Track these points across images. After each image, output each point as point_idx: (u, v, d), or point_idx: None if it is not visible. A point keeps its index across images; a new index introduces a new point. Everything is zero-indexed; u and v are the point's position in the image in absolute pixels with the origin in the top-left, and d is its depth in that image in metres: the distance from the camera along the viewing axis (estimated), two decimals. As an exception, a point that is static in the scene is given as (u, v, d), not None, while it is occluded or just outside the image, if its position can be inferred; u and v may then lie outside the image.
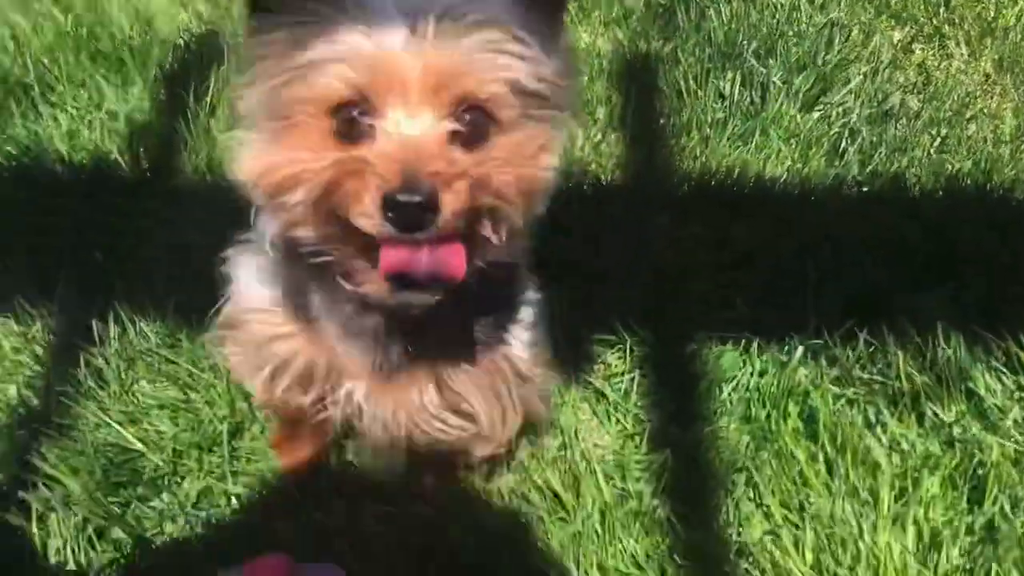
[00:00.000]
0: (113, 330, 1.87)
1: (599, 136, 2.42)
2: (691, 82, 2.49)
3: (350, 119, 0.98)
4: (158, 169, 2.28)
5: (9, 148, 2.29)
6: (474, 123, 0.99)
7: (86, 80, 2.53)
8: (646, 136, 2.38)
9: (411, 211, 0.94)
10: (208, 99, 2.39)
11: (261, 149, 1.04)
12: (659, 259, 2.05)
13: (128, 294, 1.94)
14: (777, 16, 2.75)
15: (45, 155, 2.27)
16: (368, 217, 0.96)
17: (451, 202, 0.95)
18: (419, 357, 1.28)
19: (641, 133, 2.38)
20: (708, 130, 2.36)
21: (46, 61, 2.56)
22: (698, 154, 2.28)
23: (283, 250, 1.22)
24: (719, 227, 2.12)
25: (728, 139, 2.34)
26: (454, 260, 1.00)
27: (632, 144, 2.36)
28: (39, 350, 1.87)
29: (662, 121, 2.42)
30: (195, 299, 1.88)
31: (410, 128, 0.96)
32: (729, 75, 2.49)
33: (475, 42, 0.95)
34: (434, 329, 1.23)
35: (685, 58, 2.59)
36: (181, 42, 2.66)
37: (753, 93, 2.45)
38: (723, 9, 2.74)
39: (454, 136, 0.98)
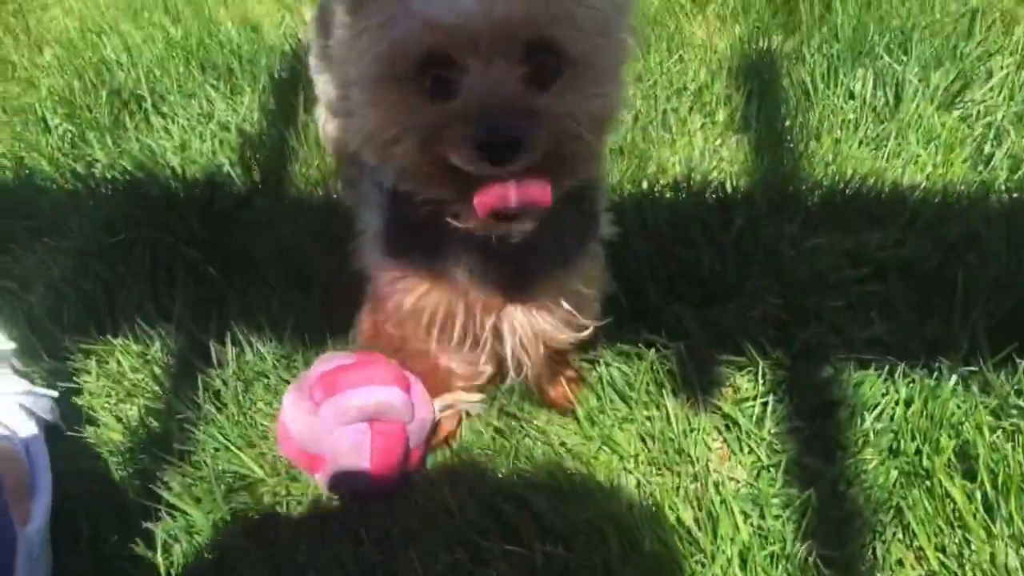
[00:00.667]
0: (231, 351, 1.84)
1: (719, 140, 2.31)
2: (818, 81, 2.35)
3: (436, 77, 1.09)
4: (270, 180, 2.26)
5: (124, 163, 2.29)
6: (546, 63, 1.09)
7: (196, 91, 2.53)
8: (771, 139, 2.25)
9: (501, 149, 1.06)
10: (317, 107, 2.35)
11: (364, 116, 1.17)
12: (789, 272, 1.93)
13: (244, 312, 1.92)
14: (908, 5, 2.58)
15: (159, 169, 2.27)
16: (465, 159, 1.08)
17: (534, 136, 1.07)
18: (542, 273, 1.45)
19: (765, 136, 2.25)
20: (838, 132, 2.23)
21: (157, 72, 2.57)
22: (829, 160, 2.14)
23: (398, 212, 1.39)
24: (853, 237, 1.99)
25: (860, 143, 2.20)
26: (540, 191, 1.13)
27: (756, 148, 2.24)
28: (157, 370, 1.86)
29: (787, 123, 2.29)
30: (310, 317, 1.88)
31: (489, 77, 1.06)
32: (859, 73, 2.34)
33: None
34: (547, 247, 1.38)
35: (811, 55, 2.45)
36: (288, 48, 2.64)
37: (887, 92, 2.30)
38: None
39: (530, 77, 1.08)
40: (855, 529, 1.53)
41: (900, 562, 1.48)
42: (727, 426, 1.73)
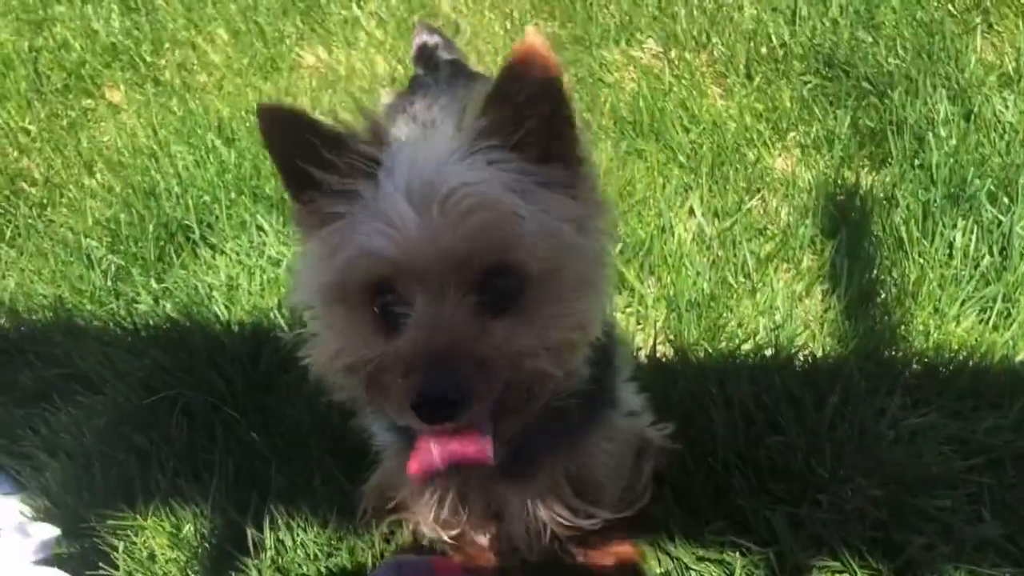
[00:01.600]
0: (269, 539, 1.68)
1: (803, 290, 2.12)
2: (913, 229, 2.15)
3: (384, 308, 1.03)
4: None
5: (167, 304, 2.17)
6: (503, 287, 1.02)
7: (247, 220, 2.41)
8: (862, 295, 2.05)
9: (435, 409, 0.96)
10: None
11: (319, 341, 1.10)
12: (888, 459, 1.73)
13: (284, 488, 1.76)
14: (1007, 139, 2.38)
15: (203, 313, 2.14)
16: (401, 413, 0.99)
17: (480, 390, 0.97)
18: (543, 457, 1.33)
19: (857, 293, 2.06)
20: (938, 291, 2.02)
21: (207, 199, 2.46)
22: (930, 327, 1.94)
23: None
24: (960, 419, 1.79)
25: (963, 303, 1.99)
26: (475, 449, 1.01)
27: (847, 307, 2.04)
28: (189, 555, 1.70)
29: (881, 277, 2.09)
30: (355, 497, 1.71)
31: (435, 311, 0.99)
32: (960, 222, 2.14)
33: (483, 216, 0.99)
34: (547, 430, 1.24)
35: (903, 197, 2.26)
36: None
37: (991, 246, 2.09)
38: (942, 133, 2.39)
39: (484, 305, 1.00)
40: None
41: None
42: (821, 648, 1.53)
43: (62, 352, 2.09)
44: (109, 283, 2.28)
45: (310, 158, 1.02)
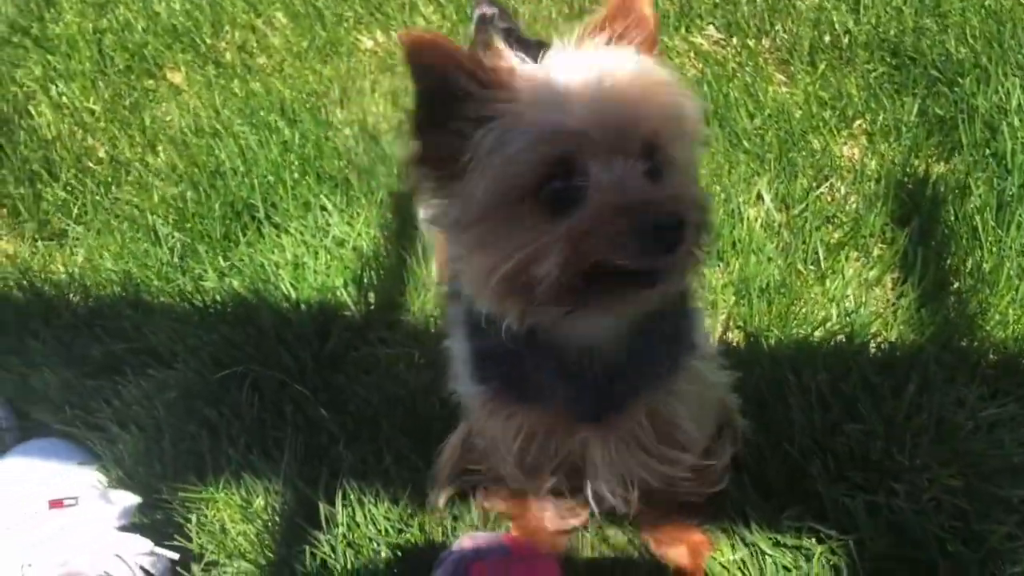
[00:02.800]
0: (341, 513, 1.68)
1: (874, 278, 2.09)
2: (988, 217, 2.11)
3: (553, 192, 1.06)
4: (386, 307, 2.12)
5: (234, 281, 2.17)
6: (656, 163, 1.09)
7: (311, 200, 2.41)
8: (936, 286, 2.02)
9: (670, 234, 1.03)
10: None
11: (483, 253, 1.11)
12: (967, 448, 1.69)
13: (355, 464, 1.76)
14: (1083, 125, 2.33)
15: (269, 291, 2.15)
16: (630, 253, 1.03)
17: (694, 217, 1.06)
18: (629, 397, 1.34)
19: (931, 282, 2.02)
20: (1016, 281, 1.98)
21: (271, 179, 2.47)
22: (1009, 319, 1.90)
23: (479, 342, 1.31)
24: (1041, 409, 1.75)
25: (1042, 295, 1.95)
26: None
27: (921, 296, 2.00)
28: (260, 529, 1.71)
29: (955, 266, 2.06)
30: (425, 475, 1.72)
31: (611, 175, 1.05)
32: (1037, 213, 2.10)
33: (641, 88, 1.08)
34: (635, 368, 1.30)
35: (976, 186, 2.22)
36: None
37: (1072, 239, 2.05)
38: (1016, 122, 2.35)
39: (647, 174, 1.08)
40: None
41: None
42: (903, 639, 1.50)
43: (131, 326, 2.11)
44: (176, 259, 2.30)
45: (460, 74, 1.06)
